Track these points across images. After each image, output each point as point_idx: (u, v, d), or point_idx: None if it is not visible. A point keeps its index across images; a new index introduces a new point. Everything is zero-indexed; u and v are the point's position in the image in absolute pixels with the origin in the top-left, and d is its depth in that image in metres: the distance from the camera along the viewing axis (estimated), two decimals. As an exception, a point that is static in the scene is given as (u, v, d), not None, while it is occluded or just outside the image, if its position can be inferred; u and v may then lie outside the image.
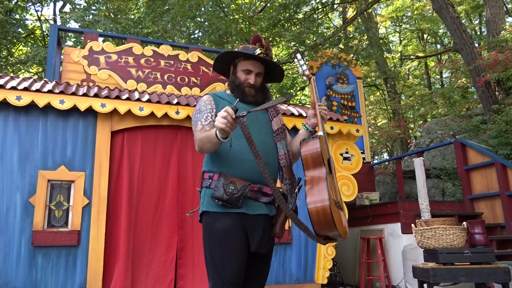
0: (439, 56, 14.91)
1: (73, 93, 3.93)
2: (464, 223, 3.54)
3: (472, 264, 3.32)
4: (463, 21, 9.64)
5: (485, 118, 7.81)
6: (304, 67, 2.18)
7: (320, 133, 1.99)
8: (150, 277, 4.04)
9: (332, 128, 4.75)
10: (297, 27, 9.56)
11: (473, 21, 14.97)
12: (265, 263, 2.07)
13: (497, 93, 7.47)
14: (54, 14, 13.63)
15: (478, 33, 14.25)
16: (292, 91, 15.81)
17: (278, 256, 4.46)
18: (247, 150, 1.93)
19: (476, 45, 9.21)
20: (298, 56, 2.20)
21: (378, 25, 15.47)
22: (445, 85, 14.87)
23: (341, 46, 9.13)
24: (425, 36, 16.26)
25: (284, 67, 14.15)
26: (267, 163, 1.96)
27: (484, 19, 10.66)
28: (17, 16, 12.12)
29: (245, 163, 1.94)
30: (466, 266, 3.30)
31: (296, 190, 2.06)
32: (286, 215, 2.02)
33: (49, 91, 3.85)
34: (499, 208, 5.54)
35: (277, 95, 15.22)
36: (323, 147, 1.87)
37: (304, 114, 4.75)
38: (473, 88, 10.62)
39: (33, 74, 13.31)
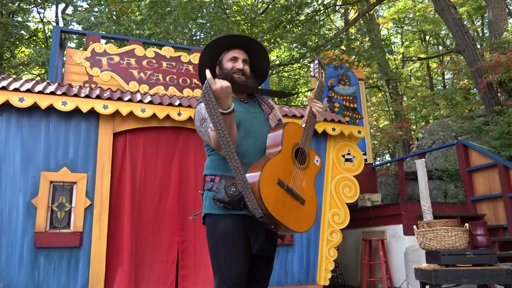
0: (441, 57, 14.88)
1: (76, 95, 3.94)
2: (466, 224, 3.54)
3: (474, 266, 3.31)
4: (465, 23, 9.63)
5: (488, 120, 7.79)
6: (317, 73, 2.25)
7: (303, 125, 2.06)
8: (151, 278, 4.04)
9: (334, 129, 4.75)
10: (299, 28, 9.57)
11: (475, 23, 14.95)
12: (268, 265, 2.07)
13: (499, 94, 7.46)
14: (56, 16, 13.68)
15: (480, 34, 14.23)
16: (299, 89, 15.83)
17: (280, 258, 4.46)
18: (247, 152, 1.94)
19: (478, 46, 9.19)
20: (316, 62, 2.27)
21: (380, 27, 15.46)
22: (447, 87, 14.86)
23: (343, 47, 9.14)
24: (427, 37, 16.25)
25: (286, 69, 14.17)
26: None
27: (486, 20, 10.65)
28: (20, 19, 12.17)
29: (246, 165, 1.94)
30: (468, 267, 3.30)
31: None
32: None
33: (52, 93, 3.86)
34: (502, 210, 5.53)
35: (279, 97, 15.17)
36: (291, 135, 1.95)
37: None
38: (475, 89, 10.61)
39: (35, 75, 13.35)
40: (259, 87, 2.38)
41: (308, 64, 10.27)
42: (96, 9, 11.98)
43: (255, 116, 2.09)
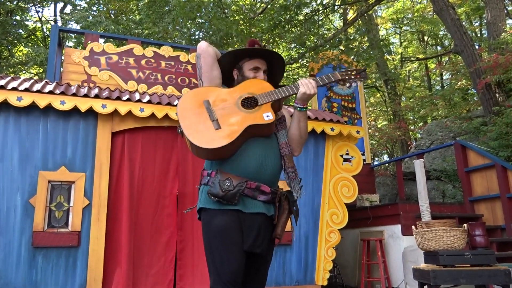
0: (439, 58, 14.91)
1: (74, 94, 3.93)
2: (465, 225, 3.54)
3: (472, 266, 3.31)
4: (463, 23, 9.64)
5: (486, 120, 7.81)
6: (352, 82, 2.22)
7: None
8: (149, 277, 4.04)
9: (332, 129, 4.75)
10: (298, 28, 9.57)
11: (473, 23, 14.98)
12: (264, 264, 2.05)
13: (497, 95, 7.47)
14: (55, 15, 13.64)
15: (479, 35, 14.25)
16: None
17: (278, 258, 4.46)
18: (245, 147, 1.95)
19: (477, 47, 9.20)
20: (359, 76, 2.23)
21: (379, 27, 15.48)
22: (445, 87, 14.88)
23: (341, 47, 9.14)
24: (425, 38, 16.27)
25: (285, 69, 14.13)
26: (266, 163, 1.97)
27: (485, 21, 10.67)
28: (18, 17, 12.13)
29: (242, 160, 1.94)
30: (466, 268, 3.30)
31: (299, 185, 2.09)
32: (288, 215, 2.01)
33: (50, 92, 3.85)
34: (500, 210, 5.54)
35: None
36: (253, 85, 2.06)
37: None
38: (473, 90, 10.63)
39: (33, 75, 13.32)
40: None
41: (306, 64, 10.28)
42: (94, 8, 11.95)
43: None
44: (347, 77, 2.15)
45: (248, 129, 1.91)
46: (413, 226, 3.76)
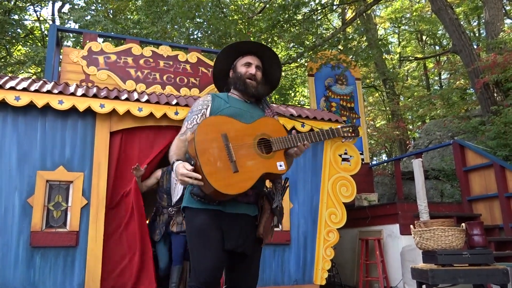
0: (438, 57, 14.92)
1: (72, 94, 3.92)
2: (463, 224, 3.54)
3: (470, 266, 3.32)
4: (462, 23, 9.65)
5: (484, 120, 7.82)
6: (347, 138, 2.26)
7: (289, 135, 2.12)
8: (149, 276, 4.02)
9: (331, 129, 4.74)
10: (296, 28, 9.57)
11: (471, 23, 14.99)
12: (250, 265, 2.07)
13: (495, 94, 7.48)
14: (53, 14, 13.61)
15: (477, 34, 14.27)
16: (291, 91, 15.83)
17: (276, 257, 4.46)
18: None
19: (475, 46, 9.22)
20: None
21: (377, 27, 15.48)
22: (443, 87, 14.89)
23: (340, 47, 9.14)
24: (424, 37, 16.28)
25: (283, 68, 14.15)
26: None
27: (483, 20, 10.68)
28: (16, 17, 12.10)
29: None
30: (464, 267, 3.31)
31: (282, 189, 2.12)
32: (270, 216, 2.05)
33: (48, 92, 3.84)
34: (498, 210, 5.55)
35: (276, 96, 15.22)
36: (269, 125, 2.09)
37: (303, 115, 4.75)
38: (471, 89, 10.64)
39: (31, 74, 13.29)
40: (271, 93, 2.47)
41: (305, 64, 10.29)
42: (93, 7, 11.92)
43: (252, 116, 2.12)
44: (346, 134, 2.22)
45: (261, 177, 1.95)
46: (411, 226, 3.76)
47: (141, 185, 4.12)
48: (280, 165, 1.98)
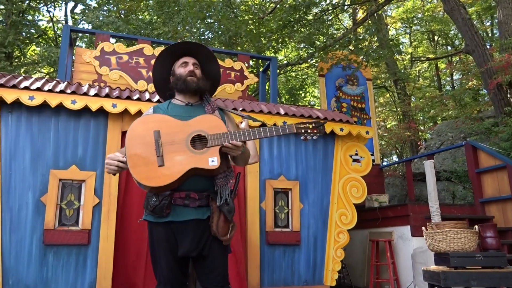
0: (450, 58, 14.78)
1: (85, 94, 3.96)
2: (476, 226, 3.51)
3: (483, 268, 3.29)
4: (474, 23, 9.54)
5: (497, 121, 7.73)
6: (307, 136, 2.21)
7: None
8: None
9: (342, 129, 4.73)
10: (307, 28, 9.55)
11: (484, 23, 14.82)
12: (213, 263, 2.12)
13: (509, 95, 7.39)
14: (66, 15, 13.77)
15: (490, 34, 14.10)
16: (301, 92, 15.81)
17: (286, 258, 4.46)
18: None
19: (488, 46, 9.11)
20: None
21: (388, 27, 15.38)
22: (455, 87, 14.75)
23: (351, 47, 9.10)
24: (435, 37, 16.14)
25: (294, 69, 14.15)
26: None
27: (496, 20, 10.55)
28: (30, 17, 12.26)
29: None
30: (477, 270, 3.27)
31: (232, 184, 2.16)
32: (221, 214, 2.09)
33: (61, 91, 3.89)
34: (511, 212, 5.48)
35: (286, 96, 15.21)
36: (206, 122, 2.10)
37: (313, 115, 4.74)
38: (484, 90, 10.52)
39: (45, 74, 13.45)
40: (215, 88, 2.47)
41: (315, 64, 10.26)
42: (105, 8, 12.03)
43: (193, 117, 2.16)
44: (303, 131, 2.16)
45: (190, 171, 1.99)
46: (423, 227, 3.73)
47: None
48: (212, 161, 2.01)
